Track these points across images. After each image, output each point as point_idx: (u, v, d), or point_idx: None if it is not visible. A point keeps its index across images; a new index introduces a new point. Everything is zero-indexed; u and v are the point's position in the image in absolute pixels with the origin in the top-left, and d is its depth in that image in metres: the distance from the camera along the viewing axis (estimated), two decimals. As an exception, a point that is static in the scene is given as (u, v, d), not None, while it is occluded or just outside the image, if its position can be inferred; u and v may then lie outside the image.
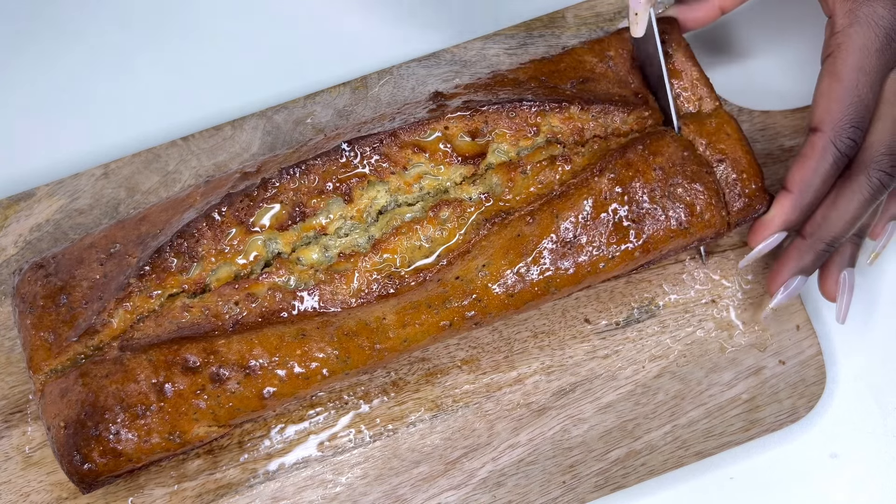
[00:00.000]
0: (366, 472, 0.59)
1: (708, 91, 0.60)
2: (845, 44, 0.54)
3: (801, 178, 0.55)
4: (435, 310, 0.54)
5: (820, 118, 0.54)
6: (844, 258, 0.58)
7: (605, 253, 0.55)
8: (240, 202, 0.54)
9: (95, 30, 0.70)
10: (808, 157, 0.54)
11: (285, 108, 0.66)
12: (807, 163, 0.55)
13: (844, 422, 0.62)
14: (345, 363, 0.54)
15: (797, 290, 0.57)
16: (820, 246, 0.56)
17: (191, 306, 0.54)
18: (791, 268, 0.57)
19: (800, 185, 0.55)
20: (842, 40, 0.54)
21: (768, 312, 0.59)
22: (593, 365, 0.61)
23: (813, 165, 0.54)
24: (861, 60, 0.53)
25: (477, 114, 0.55)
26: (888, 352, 0.64)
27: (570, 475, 0.59)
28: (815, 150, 0.54)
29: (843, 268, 0.58)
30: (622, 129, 0.57)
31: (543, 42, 0.67)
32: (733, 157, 0.57)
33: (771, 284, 0.58)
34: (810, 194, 0.55)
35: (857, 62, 0.53)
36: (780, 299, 0.57)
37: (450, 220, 0.55)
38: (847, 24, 0.54)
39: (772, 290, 0.58)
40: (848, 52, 0.53)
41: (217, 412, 0.53)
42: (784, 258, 0.57)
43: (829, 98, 0.54)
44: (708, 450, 0.59)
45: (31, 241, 0.62)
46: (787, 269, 0.57)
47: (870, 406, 0.63)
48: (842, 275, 0.58)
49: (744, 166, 0.57)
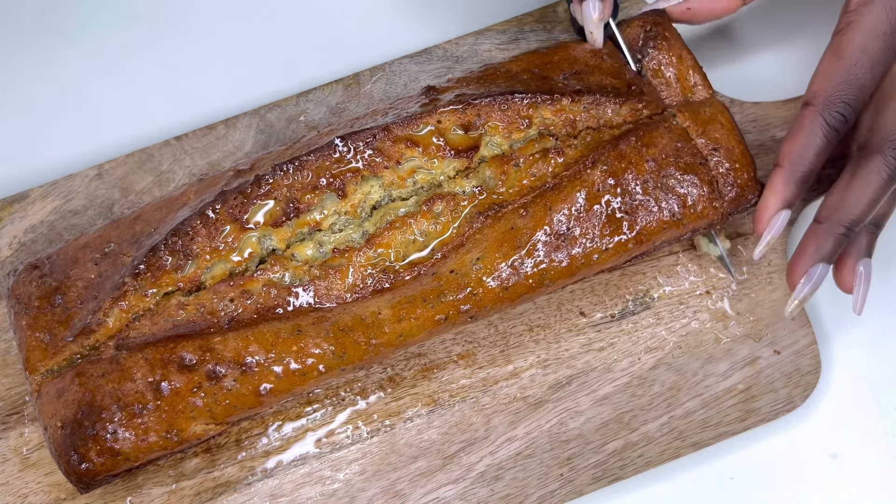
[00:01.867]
0: (364, 467, 0.59)
1: (701, 79, 0.60)
2: (855, 22, 0.54)
3: (789, 151, 0.54)
4: (430, 304, 0.54)
5: (813, 92, 0.54)
6: (861, 248, 0.56)
7: (598, 245, 0.55)
8: (234, 199, 0.54)
9: (87, 32, 0.70)
10: (797, 131, 0.54)
11: (278, 106, 0.66)
12: (795, 137, 0.54)
13: (844, 421, 0.62)
14: (341, 359, 0.54)
15: (821, 280, 0.54)
16: (839, 230, 0.54)
17: (186, 304, 0.54)
18: (811, 256, 0.54)
19: (789, 158, 0.54)
20: (853, 18, 0.54)
21: (794, 308, 0.56)
22: (589, 358, 0.61)
23: (801, 139, 0.54)
24: (866, 41, 0.53)
25: (469, 107, 0.55)
26: (888, 351, 0.64)
27: (568, 468, 0.59)
28: (804, 123, 0.54)
29: (860, 258, 0.56)
30: (615, 120, 0.57)
31: (535, 37, 0.67)
32: (727, 147, 0.57)
33: (791, 276, 0.55)
34: (802, 168, 0.54)
35: (861, 42, 0.53)
36: (803, 292, 0.55)
37: (443, 214, 0.55)
38: (861, 4, 0.54)
39: (793, 282, 0.55)
40: (855, 31, 0.53)
41: (214, 410, 0.53)
42: (802, 247, 0.55)
43: (826, 73, 0.54)
44: (705, 440, 0.60)
45: (25, 242, 0.62)
46: (806, 258, 0.55)
47: (869, 405, 0.63)
48: (858, 265, 0.56)
49: (737, 156, 0.57)
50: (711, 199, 0.56)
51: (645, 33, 0.61)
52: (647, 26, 0.61)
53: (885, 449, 0.62)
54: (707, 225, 0.57)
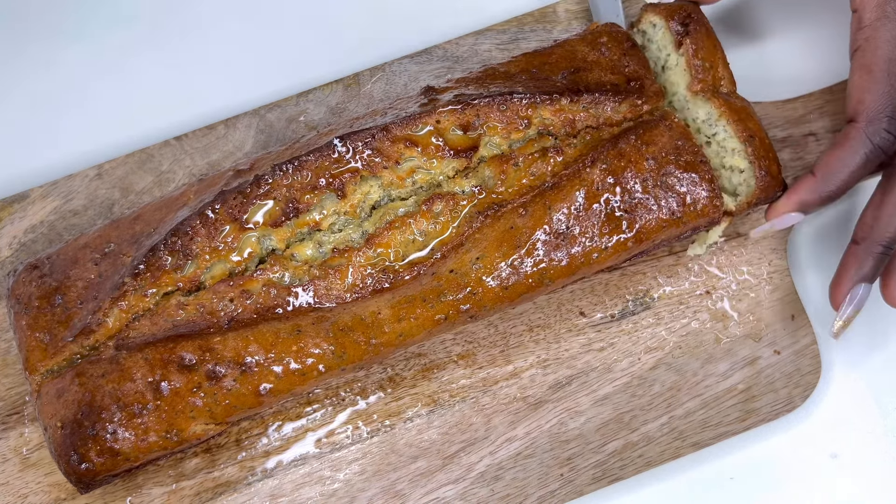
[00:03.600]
0: (364, 467, 0.59)
1: (728, 74, 0.60)
2: (873, 37, 0.53)
3: (825, 164, 0.54)
4: (430, 303, 0.54)
5: (854, 109, 0.54)
6: (863, 269, 0.55)
7: (598, 243, 0.55)
8: (233, 199, 0.54)
9: (87, 32, 0.70)
10: (839, 146, 0.54)
11: (278, 106, 0.66)
12: (836, 151, 0.54)
13: (844, 421, 0.62)
14: (341, 359, 0.54)
15: (864, 301, 0.55)
16: (877, 249, 0.54)
17: (186, 304, 0.54)
18: (851, 277, 0.55)
19: (824, 171, 0.54)
20: (869, 34, 0.54)
21: (839, 328, 0.56)
22: (589, 358, 0.61)
23: (841, 155, 0.53)
24: (891, 51, 0.53)
25: (468, 107, 0.55)
26: (888, 351, 0.64)
27: (568, 468, 0.59)
28: (847, 141, 0.53)
29: (859, 280, 0.56)
30: (614, 118, 0.57)
31: (535, 37, 0.67)
32: (759, 138, 0.57)
33: (834, 297, 0.55)
34: (833, 183, 0.54)
35: (886, 53, 0.53)
36: (847, 312, 0.55)
37: (443, 214, 0.55)
38: (875, 18, 0.53)
39: (836, 303, 0.55)
40: (877, 45, 0.53)
41: (214, 410, 0.53)
42: (842, 268, 0.55)
43: (862, 89, 0.53)
44: (705, 440, 0.60)
45: (25, 242, 0.62)
46: (847, 279, 0.55)
47: (869, 405, 0.63)
48: (855, 289, 0.55)
49: (766, 148, 0.57)
50: (711, 198, 0.56)
51: (682, 18, 0.60)
52: (683, 12, 0.60)
53: (885, 449, 0.62)
54: (707, 223, 0.57)
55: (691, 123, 0.59)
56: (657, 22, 0.60)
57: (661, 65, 0.61)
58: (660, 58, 0.61)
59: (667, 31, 0.60)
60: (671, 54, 0.60)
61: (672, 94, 0.60)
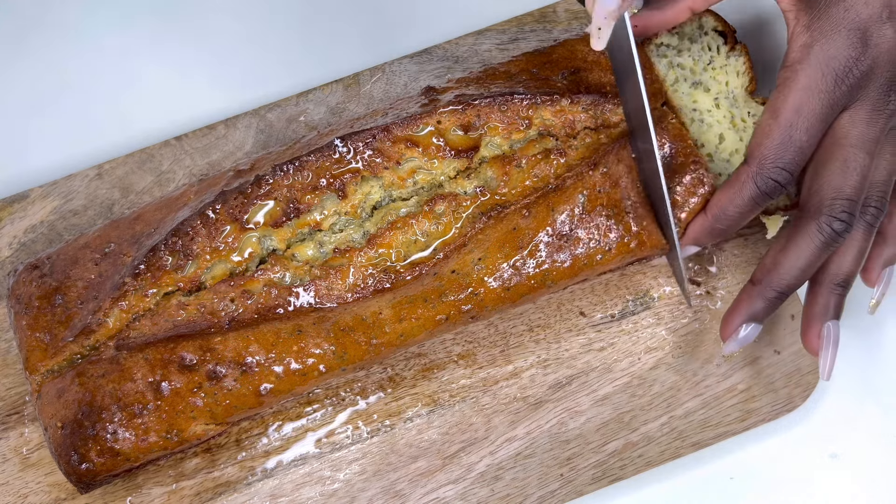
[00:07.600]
0: (364, 467, 0.59)
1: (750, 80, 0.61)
2: (790, 80, 0.52)
3: (716, 203, 0.54)
4: (431, 304, 0.54)
5: (751, 150, 0.53)
6: (828, 309, 0.54)
7: (601, 245, 0.55)
8: (234, 200, 0.54)
9: (87, 32, 0.70)
10: (729, 185, 0.54)
11: (278, 106, 0.66)
12: (726, 191, 0.54)
13: (844, 421, 0.62)
14: (341, 359, 0.54)
15: (749, 339, 0.55)
16: (770, 294, 0.54)
17: (186, 304, 0.54)
18: (742, 314, 0.55)
19: (714, 210, 0.54)
20: (788, 75, 0.52)
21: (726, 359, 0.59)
22: (589, 358, 0.61)
23: (730, 195, 0.53)
24: (801, 100, 0.51)
25: (469, 107, 0.55)
26: (888, 351, 0.64)
27: (568, 468, 0.59)
28: (737, 181, 0.53)
29: (827, 320, 0.54)
30: (612, 119, 0.57)
31: (535, 37, 0.67)
32: None
33: (723, 331, 0.56)
34: (723, 221, 0.54)
35: (796, 101, 0.51)
36: (731, 348, 0.55)
37: (445, 214, 0.55)
38: (797, 60, 0.52)
39: (724, 336, 0.56)
40: (790, 90, 0.52)
41: (214, 410, 0.53)
42: (735, 304, 0.55)
43: (762, 133, 0.52)
44: (705, 440, 0.60)
45: (25, 242, 0.62)
46: (738, 317, 0.55)
47: (869, 405, 0.63)
48: (825, 327, 0.54)
49: None
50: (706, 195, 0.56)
51: None
52: None
53: (885, 449, 0.62)
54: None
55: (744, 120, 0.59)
56: (706, 23, 0.61)
57: (702, 65, 0.61)
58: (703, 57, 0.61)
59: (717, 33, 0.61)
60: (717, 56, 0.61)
61: (717, 92, 0.60)
